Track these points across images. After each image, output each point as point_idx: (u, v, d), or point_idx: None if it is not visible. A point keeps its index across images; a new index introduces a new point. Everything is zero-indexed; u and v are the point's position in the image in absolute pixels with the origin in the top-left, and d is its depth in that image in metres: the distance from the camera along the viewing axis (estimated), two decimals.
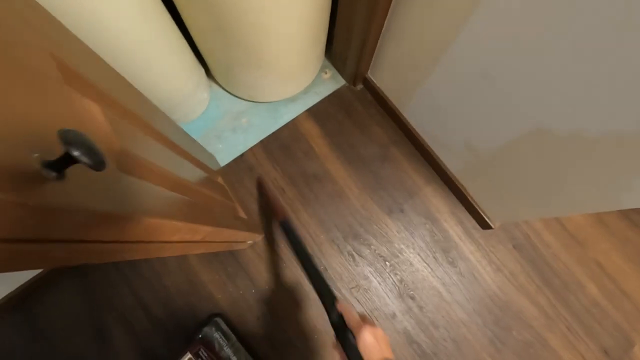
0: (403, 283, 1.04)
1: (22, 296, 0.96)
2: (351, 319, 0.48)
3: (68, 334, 0.98)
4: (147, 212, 0.32)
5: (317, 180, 1.09)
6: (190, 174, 0.62)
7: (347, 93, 1.16)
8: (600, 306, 1.05)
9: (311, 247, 1.04)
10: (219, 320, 0.96)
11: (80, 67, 0.34)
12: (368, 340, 0.44)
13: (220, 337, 0.93)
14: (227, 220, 0.66)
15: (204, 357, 0.89)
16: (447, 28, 0.68)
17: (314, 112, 1.14)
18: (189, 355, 0.89)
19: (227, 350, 0.92)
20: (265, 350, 0.97)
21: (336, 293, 0.53)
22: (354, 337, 0.45)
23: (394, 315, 1.02)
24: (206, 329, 0.94)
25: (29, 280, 0.94)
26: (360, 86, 1.15)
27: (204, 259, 1.03)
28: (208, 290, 1.01)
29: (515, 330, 1.02)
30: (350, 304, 0.53)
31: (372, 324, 0.47)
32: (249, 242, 0.93)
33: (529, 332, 1.03)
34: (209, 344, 0.91)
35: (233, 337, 0.95)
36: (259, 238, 1.02)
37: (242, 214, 0.88)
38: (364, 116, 1.15)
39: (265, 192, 1.02)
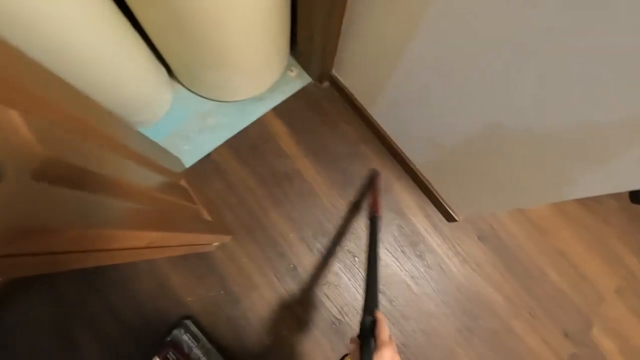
0: None
1: None
2: (382, 331, 0.50)
3: (34, 344, 0.95)
4: (73, 223, 0.32)
5: (287, 179, 1.09)
6: (142, 178, 0.61)
7: (314, 91, 1.16)
8: (561, 292, 1.10)
9: (281, 247, 1.05)
10: (188, 322, 0.96)
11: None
12: (387, 357, 0.46)
13: (189, 339, 0.93)
14: (185, 224, 0.65)
15: (173, 359, 0.88)
16: (403, 27, 0.69)
17: (281, 111, 1.14)
18: (157, 359, 0.88)
19: (197, 352, 0.91)
20: (238, 351, 0.97)
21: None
22: (375, 347, 0.48)
23: None
24: (175, 332, 0.93)
25: None
26: (326, 84, 1.16)
27: (173, 262, 1.02)
28: (178, 293, 1.00)
29: (482, 319, 1.06)
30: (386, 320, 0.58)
31: (395, 349, 0.49)
32: (215, 243, 0.93)
33: (495, 320, 1.06)
34: (177, 347, 0.90)
35: (203, 339, 0.95)
36: (227, 239, 1.02)
37: (207, 216, 0.87)
38: (332, 114, 1.15)
39: (376, 186, 1.01)
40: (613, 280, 1.12)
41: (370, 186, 1.06)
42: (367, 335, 0.49)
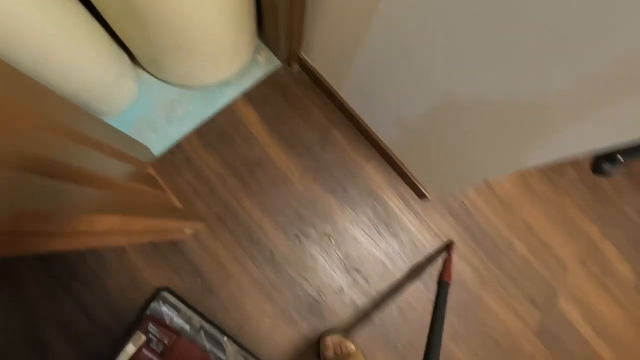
0: (348, 258, 1.07)
1: None
2: None
3: (3, 352, 0.92)
4: (15, 204, 0.31)
5: (259, 166, 1.09)
6: (105, 166, 0.60)
7: (284, 75, 1.15)
8: (527, 262, 1.15)
9: (257, 234, 1.05)
10: (165, 293, 0.95)
11: None
12: None
13: (169, 309, 0.92)
14: (151, 210, 0.64)
15: (153, 332, 0.87)
16: (363, 4, 0.69)
17: (251, 96, 1.13)
18: (138, 333, 0.86)
19: (178, 321, 0.91)
20: (220, 314, 0.98)
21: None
22: None
23: (341, 290, 1.05)
24: (153, 304, 0.92)
25: None
26: (296, 67, 1.15)
27: (144, 253, 1.00)
28: (152, 286, 0.99)
29: (454, 292, 1.10)
30: None
31: None
32: (187, 230, 0.92)
33: (466, 292, 1.10)
34: (157, 319, 0.89)
35: (183, 307, 0.94)
36: (199, 226, 1.01)
37: (177, 204, 0.86)
38: (302, 98, 1.15)
39: (450, 254, 1.04)
40: (576, 249, 1.19)
41: (442, 253, 1.10)
42: None
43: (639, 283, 1.19)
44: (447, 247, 1.10)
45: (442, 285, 0.88)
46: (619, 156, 1.19)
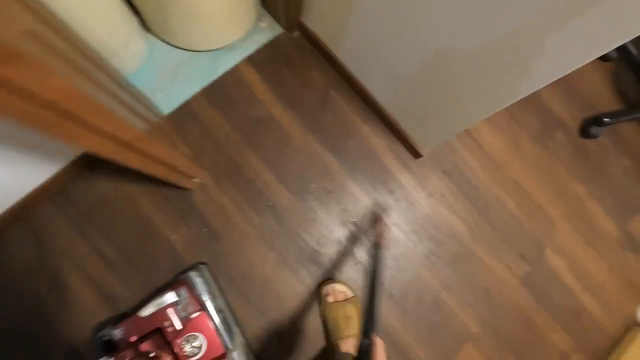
0: (346, 212, 1.14)
1: None
2: (378, 356, 0.53)
3: (21, 288, 0.99)
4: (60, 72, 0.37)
5: (261, 124, 1.15)
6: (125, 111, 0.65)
7: (285, 40, 1.21)
8: (517, 219, 1.21)
9: (259, 188, 1.11)
10: (202, 267, 1.00)
11: None
12: None
13: (202, 283, 0.96)
14: (164, 142, 0.70)
15: (183, 297, 0.89)
16: None
17: (254, 60, 1.18)
18: (172, 292, 0.89)
19: (205, 297, 0.94)
20: (225, 260, 1.05)
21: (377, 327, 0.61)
22: None
23: (339, 241, 1.12)
24: (191, 273, 0.96)
25: None
26: (297, 33, 1.20)
27: (155, 203, 1.06)
28: (161, 232, 1.05)
29: (447, 245, 1.16)
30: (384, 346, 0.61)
31: None
32: (196, 180, 0.98)
33: (458, 245, 1.17)
34: (190, 287, 0.92)
35: (213, 286, 0.99)
36: (206, 178, 1.07)
37: (187, 152, 0.92)
38: (302, 62, 1.20)
39: (380, 224, 1.04)
40: (563, 207, 1.24)
41: (376, 220, 1.10)
42: (364, 357, 0.52)
43: (622, 239, 1.25)
44: (374, 221, 1.11)
45: (377, 251, 0.86)
46: (605, 119, 1.25)
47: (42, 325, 0.98)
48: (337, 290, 1.05)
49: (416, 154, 1.17)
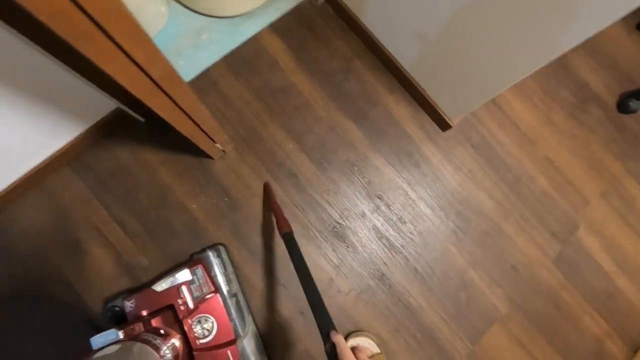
0: (370, 184, 1.09)
1: None
2: (344, 356, 0.49)
3: (42, 251, 0.98)
4: None
5: (283, 92, 1.11)
6: None
7: (309, 7, 1.17)
8: (549, 196, 1.15)
9: (280, 157, 1.07)
10: (221, 248, 0.98)
11: None
12: None
13: (218, 265, 0.93)
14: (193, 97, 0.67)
15: (198, 276, 0.86)
16: None
17: (276, 28, 1.14)
18: (187, 270, 0.86)
19: (221, 278, 0.91)
20: (246, 229, 1.02)
21: (334, 321, 0.57)
22: None
23: (363, 214, 1.08)
24: (208, 252, 0.93)
25: None
26: (321, 0, 1.16)
27: (174, 172, 1.04)
28: (181, 202, 1.03)
29: (475, 222, 1.11)
30: (343, 338, 0.54)
31: (364, 358, 0.49)
32: (218, 145, 0.95)
33: (486, 222, 1.11)
34: (206, 266, 0.89)
35: (230, 268, 0.96)
36: (229, 148, 1.04)
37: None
38: (326, 30, 1.16)
39: (273, 199, 0.97)
40: (598, 184, 1.18)
41: (268, 201, 1.00)
42: None
43: None
44: (266, 193, 1.02)
45: (286, 237, 0.78)
46: None
47: (60, 292, 0.97)
48: (362, 347, 0.98)
49: (443, 126, 1.12)
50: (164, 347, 0.70)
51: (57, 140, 0.92)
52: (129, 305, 0.82)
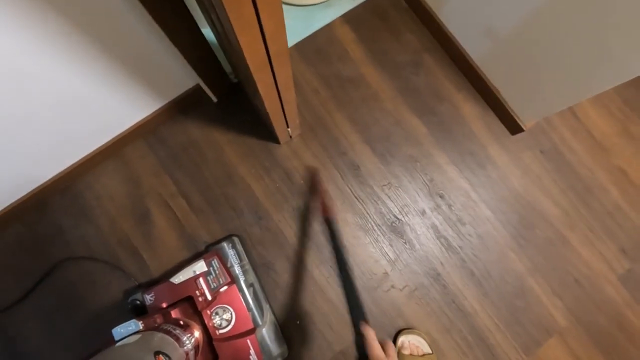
0: (432, 182, 1.08)
1: (73, 177, 1.00)
2: (372, 348, 0.49)
3: (113, 217, 1.03)
4: None
5: (351, 83, 1.11)
6: None
7: (382, 0, 1.16)
8: (621, 209, 1.09)
9: (344, 147, 1.08)
10: (236, 239, 0.99)
11: None
12: None
13: (234, 256, 0.94)
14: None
15: (214, 267, 0.88)
16: None
17: (348, 18, 1.15)
18: (202, 262, 0.88)
19: (237, 269, 0.92)
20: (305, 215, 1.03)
21: (365, 312, 0.58)
22: None
23: (423, 212, 1.06)
24: (223, 244, 0.95)
25: (76, 162, 0.97)
26: None
27: (240, 153, 1.06)
28: (245, 182, 1.05)
29: (538, 229, 1.07)
30: (373, 331, 0.52)
31: (392, 355, 0.48)
32: (289, 130, 0.96)
33: (551, 230, 1.07)
34: (222, 258, 0.91)
35: (245, 259, 0.97)
36: (296, 133, 1.05)
37: None
38: (398, 23, 1.15)
39: (320, 186, 0.99)
40: None
41: (314, 188, 1.02)
42: (363, 355, 0.49)
43: None
44: (313, 179, 1.03)
45: (328, 223, 0.79)
46: None
47: (126, 257, 1.01)
48: (413, 344, 0.97)
49: (513, 128, 1.09)
50: (184, 337, 0.72)
51: (141, 112, 0.96)
52: (148, 298, 0.84)
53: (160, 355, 0.59)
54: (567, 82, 0.85)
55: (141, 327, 0.70)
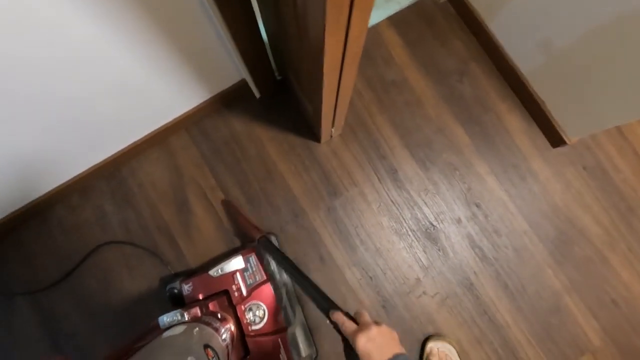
0: (470, 191, 1.07)
1: (118, 163, 1.03)
2: (345, 329, 0.50)
3: (154, 204, 1.05)
4: None
5: (395, 86, 1.11)
6: None
7: (430, 4, 1.15)
8: None
9: (384, 150, 1.08)
10: (273, 238, 1.00)
11: None
12: (363, 347, 0.46)
13: (270, 254, 0.93)
14: None
15: (252, 264, 0.88)
16: None
17: (394, 21, 1.14)
18: (240, 258, 0.89)
19: (273, 267, 0.92)
20: (340, 214, 1.04)
21: (331, 301, 0.60)
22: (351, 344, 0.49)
23: (459, 220, 1.06)
24: (261, 241, 0.96)
25: (125, 148, 1.00)
26: None
27: (281, 150, 1.07)
28: (283, 179, 1.06)
29: (577, 246, 1.05)
30: (342, 312, 0.55)
31: (367, 326, 0.49)
32: (333, 129, 0.97)
33: (590, 249, 1.05)
34: (259, 255, 0.91)
35: (279, 258, 0.97)
36: (338, 132, 1.06)
37: None
38: (445, 29, 1.14)
39: (237, 214, 0.99)
40: None
41: (233, 217, 1.01)
42: (346, 343, 0.52)
43: None
44: (229, 208, 1.02)
45: (263, 244, 0.82)
46: None
47: (164, 244, 1.03)
48: (443, 352, 0.96)
49: (556, 142, 1.07)
50: (222, 330, 0.72)
51: (188, 102, 0.98)
52: (186, 288, 0.86)
53: (209, 350, 0.59)
54: (622, 100, 0.83)
55: (187, 319, 0.72)
